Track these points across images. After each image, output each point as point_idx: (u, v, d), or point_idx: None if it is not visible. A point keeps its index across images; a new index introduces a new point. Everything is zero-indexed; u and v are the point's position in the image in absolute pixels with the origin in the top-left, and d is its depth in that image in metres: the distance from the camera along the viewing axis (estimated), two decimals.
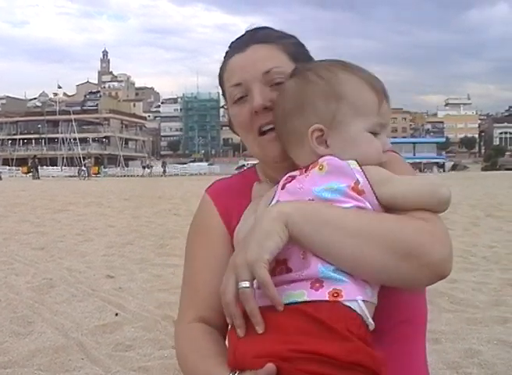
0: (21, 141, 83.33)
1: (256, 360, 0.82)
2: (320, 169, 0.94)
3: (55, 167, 65.75)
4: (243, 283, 0.85)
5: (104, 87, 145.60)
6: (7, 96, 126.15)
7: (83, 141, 76.04)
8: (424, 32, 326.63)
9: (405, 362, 1.03)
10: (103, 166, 67.36)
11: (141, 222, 9.83)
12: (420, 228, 0.89)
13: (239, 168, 46.08)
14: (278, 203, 0.94)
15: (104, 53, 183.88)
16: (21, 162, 68.61)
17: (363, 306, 0.85)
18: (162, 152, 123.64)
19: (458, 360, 3.03)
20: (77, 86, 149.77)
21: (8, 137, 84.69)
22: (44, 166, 60.97)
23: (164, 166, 61.50)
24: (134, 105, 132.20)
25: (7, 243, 7.39)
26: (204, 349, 1.02)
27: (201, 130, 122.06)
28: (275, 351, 0.81)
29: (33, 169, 46.21)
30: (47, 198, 16.54)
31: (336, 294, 0.85)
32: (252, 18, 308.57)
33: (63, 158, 71.50)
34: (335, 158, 0.94)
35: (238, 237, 1.03)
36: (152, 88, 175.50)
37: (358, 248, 0.87)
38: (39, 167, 48.82)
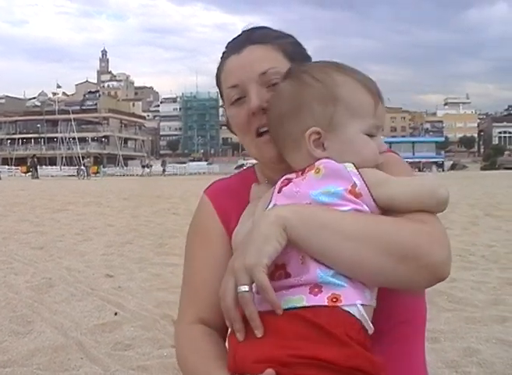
0: (20, 141, 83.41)
1: (256, 365, 0.82)
2: (316, 172, 0.93)
3: (54, 167, 65.78)
4: (243, 288, 0.85)
5: (103, 87, 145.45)
6: (6, 95, 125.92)
7: (83, 141, 76.10)
8: (424, 31, 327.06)
9: (405, 363, 1.03)
10: (102, 166, 67.26)
11: (140, 221, 9.83)
12: (418, 230, 0.88)
13: (238, 167, 46.06)
14: (275, 207, 0.93)
15: (104, 52, 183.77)
16: (20, 161, 68.63)
17: (362, 311, 0.85)
18: (161, 152, 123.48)
19: (457, 359, 3.03)
20: (76, 85, 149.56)
21: (8, 136, 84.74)
22: (44, 166, 60.96)
23: (164, 165, 61.45)
24: (133, 104, 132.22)
25: (6, 242, 7.38)
26: (204, 351, 1.02)
27: (200, 129, 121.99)
28: (274, 357, 0.82)
29: (32, 169, 46.18)
30: (46, 197, 16.53)
31: (335, 299, 0.85)
32: (251, 17, 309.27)
33: (62, 157, 71.51)
34: (331, 161, 0.94)
35: (236, 239, 1.04)
36: (151, 88, 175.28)
37: (356, 251, 0.87)
38: (38, 167, 48.81)
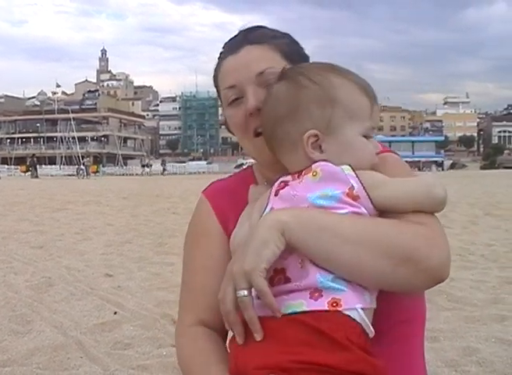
0: (19, 140, 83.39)
1: (257, 371, 0.82)
2: (314, 175, 0.93)
3: (54, 166, 65.72)
4: (242, 292, 0.85)
5: (102, 86, 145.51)
6: (5, 95, 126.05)
7: (82, 140, 76.08)
8: (422, 31, 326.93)
9: (405, 362, 1.03)
10: (102, 165, 67.32)
11: (140, 220, 9.82)
12: (416, 232, 0.88)
13: (238, 166, 46.10)
14: (273, 211, 0.93)
15: (103, 52, 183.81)
16: (20, 161, 68.57)
17: (362, 314, 0.85)
18: (161, 151, 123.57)
19: (456, 358, 3.04)
20: (76, 85, 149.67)
21: (7, 136, 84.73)
22: (43, 165, 60.97)
23: (163, 164, 61.41)
24: (133, 103, 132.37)
25: (6, 242, 7.38)
26: (206, 355, 1.02)
27: (200, 128, 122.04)
28: (275, 362, 0.81)
29: (31, 168, 46.17)
30: (45, 196, 16.52)
31: (336, 304, 0.84)
32: (250, 16, 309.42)
33: (62, 156, 71.40)
34: (328, 164, 0.93)
35: (234, 241, 1.03)
36: (151, 87, 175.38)
37: (355, 254, 0.86)
38: (38, 166, 48.81)
